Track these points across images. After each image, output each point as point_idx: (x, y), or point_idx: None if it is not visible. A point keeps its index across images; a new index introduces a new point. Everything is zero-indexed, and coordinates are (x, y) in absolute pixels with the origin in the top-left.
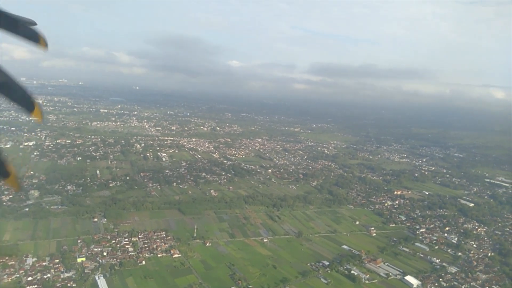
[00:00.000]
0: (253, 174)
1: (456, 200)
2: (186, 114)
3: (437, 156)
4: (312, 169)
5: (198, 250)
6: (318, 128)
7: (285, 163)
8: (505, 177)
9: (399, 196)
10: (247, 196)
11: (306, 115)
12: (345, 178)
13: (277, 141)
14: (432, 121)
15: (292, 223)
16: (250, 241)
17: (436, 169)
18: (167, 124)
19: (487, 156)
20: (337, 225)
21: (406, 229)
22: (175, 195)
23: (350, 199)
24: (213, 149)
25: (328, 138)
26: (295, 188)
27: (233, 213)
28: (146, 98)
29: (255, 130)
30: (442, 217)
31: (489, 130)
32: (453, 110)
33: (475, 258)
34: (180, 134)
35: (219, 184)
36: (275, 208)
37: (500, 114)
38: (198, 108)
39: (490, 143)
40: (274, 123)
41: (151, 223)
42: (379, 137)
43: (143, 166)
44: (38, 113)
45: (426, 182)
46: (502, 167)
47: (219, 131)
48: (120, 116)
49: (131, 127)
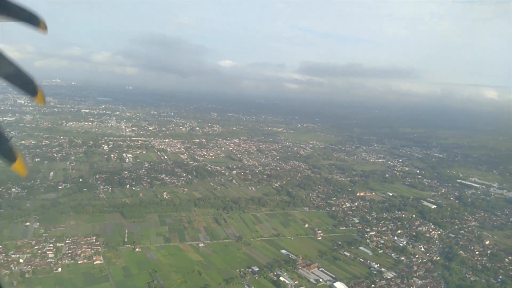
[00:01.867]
0: (215, 175)
1: (419, 202)
2: (170, 114)
3: (416, 157)
4: (280, 170)
5: (125, 256)
6: (303, 128)
7: (253, 164)
8: (478, 177)
9: (360, 198)
10: (200, 198)
11: (295, 114)
12: (310, 179)
13: (254, 142)
14: (421, 121)
15: (238, 226)
16: (184, 246)
17: (410, 170)
18: (146, 125)
19: (468, 156)
20: (284, 228)
21: (356, 232)
22: (124, 198)
23: (307, 201)
24: (183, 149)
25: (309, 138)
26: (255, 189)
27: (178, 217)
28: (135, 98)
29: (236, 130)
30: (397, 219)
31: (478, 129)
32: (445, 109)
33: (417, 263)
34: (155, 134)
35: (175, 186)
36: (225, 211)
37: (491, 114)
38: (185, 108)
39: (475, 143)
40: (259, 123)
41: (86, 228)
42: (362, 137)
43: (102, 168)
44: (40, 98)
45: (395, 183)
46: (479, 167)
47: (197, 131)
48: (100, 116)
49: (107, 127)
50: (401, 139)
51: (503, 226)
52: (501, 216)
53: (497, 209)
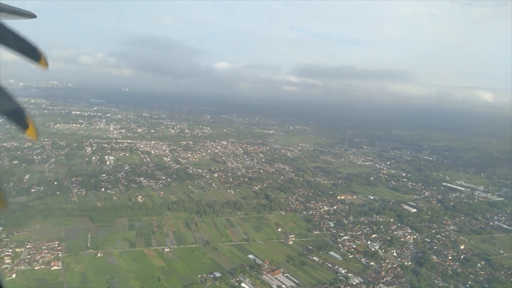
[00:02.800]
0: (196, 178)
1: (399, 205)
2: (162, 116)
3: (404, 159)
4: (263, 173)
5: (86, 261)
6: (295, 130)
7: (237, 166)
8: (465, 180)
9: (340, 201)
10: (174, 202)
11: (289, 116)
12: (292, 182)
13: (242, 144)
14: (416, 123)
15: (208, 230)
16: (149, 251)
17: (396, 173)
18: (135, 127)
19: (458, 159)
20: (256, 233)
21: (329, 237)
22: (96, 201)
23: (285, 205)
24: (168, 152)
25: (299, 140)
26: (234, 193)
27: (148, 221)
28: (130, 100)
29: (227, 132)
30: (374, 223)
31: (473, 132)
32: (441, 111)
33: (387, 268)
34: (143, 136)
35: (152, 190)
36: (198, 215)
37: (487, 116)
38: (178, 110)
39: (468, 145)
40: (251, 125)
41: (51, 232)
42: (353, 139)
43: (81, 171)
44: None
45: (378, 186)
46: (468, 170)
47: (186, 133)
48: (90, 118)
49: (95, 129)
50: (393, 141)
51: (481, 231)
52: (481, 220)
53: (478, 213)
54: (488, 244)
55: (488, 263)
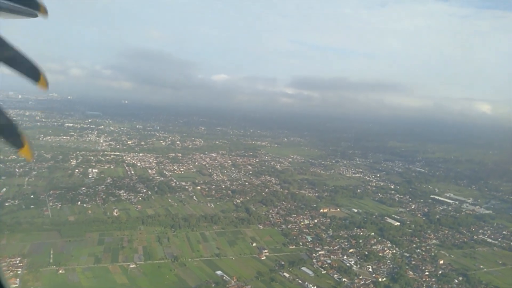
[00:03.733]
0: (177, 191)
1: (383, 219)
2: (155, 128)
3: (396, 171)
4: (248, 185)
5: (45, 278)
6: (288, 142)
7: (222, 179)
8: (454, 193)
9: (322, 215)
10: (150, 215)
11: (285, 128)
12: (275, 195)
13: (232, 156)
14: (413, 134)
15: (180, 245)
16: (114, 267)
17: (385, 185)
18: (125, 139)
19: (450, 171)
20: (229, 248)
21: (305, 251)
22: (70, 215)
23: (264, 218)
24: (154, 164)
25: (291, 152)
26: (214, 206)
27: (120, 236)
28: (127, 112)
29: (218, 144)
30: (354, 237)
31: (469, 143)
32: (438, 123)
33: (359, 285)
34: (132, 149)
35: (130, 203)
36: (172, 229)
37: (484, 128)
38: (174, 122)
39: (463, 157)
40: (244, 137)
41: (16, 247)
42: (346, 151)
43: (61, 184)
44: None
45: (364, 198)
46: (459, 182)
47: (177, 145)
48: (83, 130)
49: (84, 141)
50: (387, 153)
51: (464, 245)
52: (466, 234)
53: (463, 226)
54: (469, 258)
55: (466, 278)
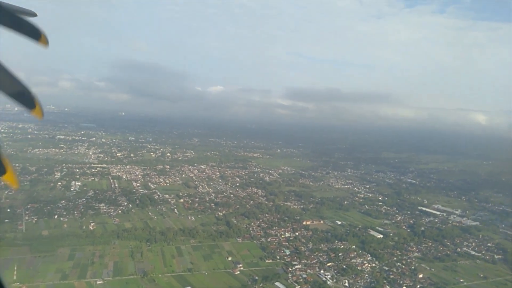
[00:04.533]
0: (159, 204)
1: (366, 231)
2: (148, 140)
3: (386, 182)
4: (232, 198)
5: None
6: (281, 153)
7: (207, 191)
8: (443, 204)
9: (304, 227)
10: (127, 229)
11: (280, 139)
12: (259, 207)
13: (221, 168)
14: (408, 145)
15: (153, 260)
16: (80, 284)
17: (373, 196)
18: (115, 151)
19: (442, 182)
20: (203, 262)
21: (281, 265)
22: (45, 230)
23: (244, 231)
24: (140, 177)
25: (282, 163)
26: (194, 219)
27: (92, 250)
28: (122, 124)
29: (209, 155)
30: (333, 250)
31: (464, 154)
32: (434, 133)
33: None
34: (120, 161)
35: (108, 216)
36: (148, 243)
37: (480, 138)
38: (168, 134)
39: (456, 168)
40: (237, 148)
41: None
42: (339, 162)
43: (41, 197)
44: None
45: (350, 210)
46: (450, 193)
47: (167, 157)
48: (73, 142)
49: (73, 153)
50: (380, 164)
51: (446, 258)
52: (449, 246)
53: (448, 238)
54: (450, 272)
55: None
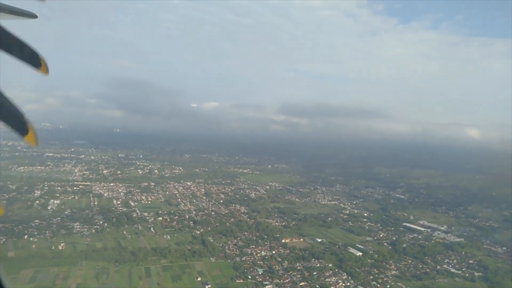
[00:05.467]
0: (136, 222)
1: (345, 248)
2: (138, 157)
3: (374, 198)
4: (213, 215)
5: None
6: (272, 169)
7: (189, 209)
8: (429, 220)
9: (282, 245)
10: (97, 249)
11: (274, 155)
12: (239, 225)
13: (208, 184)
14: (402, 160)
15: (119, 282)
16: None
17: (358, 212)
18: (102, 168)
19: (431, 197)
20: (171, 283)
21: (252, 286)
22: (11, 250)
23: (219, 250)
24: (122, 194)
25: (271, 179)
26: (170, 238)
27: (56, 272)
28: (115, 140)
29: (198, 172)
30: (309, 269)
31: (457, 168)
32: (429, 148)
33: None
34: (105, 178)
35: (80, 236)
36: (116, 264)
37: (474, 152)
38: (160, 150)
39: (447, 182)
40: (228, 164)
41: None
42: (329, 178)
43: (15, 216)
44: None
45: (333, 227)
46: (437, 208)
47: (154, 174)
48: (61, 160)
49: (58, 171)
50: (370, 179)
51: (424, 276)
52: (429, 264)
53: (429, 255)
54: None
55: None
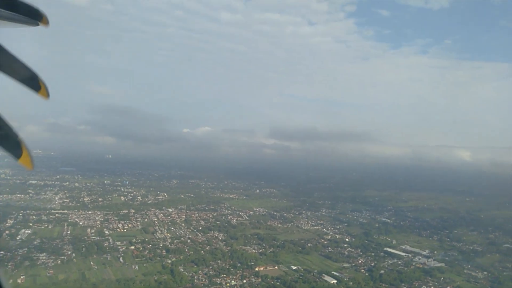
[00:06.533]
0: (107, 252)
1: (320, 276)
2: (124, 183)
3: (359, 222)
4: (189, 243)
5: None
6: (260, 194)
7: (165, 237)
8: (412, 244)
9: (254, 274)
10: (57, 282)
11: (264, 179)
12: (214, 253)
13: (190, 210)
14: (393, 182)
15: None
16: None
17: (340, 237)
18: (84, 195)
19: (418, 220)
20: None
21: None
22: None
23: (188, 280)
24: (99, 223)
25: (256, 204)
26: (138, 268)
27: None
28: (104, 167)
29: (183, 198)
30: None
31: (448, 190)
32: (421, 170)
33: None
34: (84, 206)
35: (44, 268)
36: None
37: (465, 174)
38: (148, 176)
39: (436, 205)
40: (215, 189)
41: None
42: (316, 202)
43: None
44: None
45: (311, 253)
46: (422, 232)
47: (137, 201)
48: (44, 187)
49: (38, 199)
50: (358, 202)
51: None
52: None
53: (406, 282)
54: None
55: None
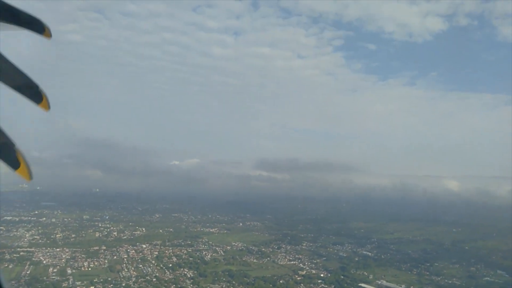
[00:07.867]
0: None
1: None
2: (104, 218)
3: (339, 256)
4: (154, 282)
5: None
6: (244, 227)
7: (130, 275)
8: (389, 278)
9: None
10: None
11: (249, 211)
12: None
13: (165, 246)
14: (381, 213)
15: None
16: None
17: (315, 273)
18: (58, 231)
19: (399, 253)
20: None
21: None
22: None
23: None
24: (64, 261)
25: (236, 238)
26: None
27: None
28: (88, 201)
29: (160, 233)
30: None
31: (436, 221)
32: (409, 201)
33: None
34: (54, 243)
35: None
36: None
37: (453, 204)
38: (131, 210)
39: (422, 237)
40: (197, 223)
41: None
42: (299, 235)
43: None
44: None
45: None
46: (402, 266)
47: (112, 236)
48: (17, 223)
49: (7, 236)
50: (342, 235)
51: None
52: None
53: None
54: None
55: None
